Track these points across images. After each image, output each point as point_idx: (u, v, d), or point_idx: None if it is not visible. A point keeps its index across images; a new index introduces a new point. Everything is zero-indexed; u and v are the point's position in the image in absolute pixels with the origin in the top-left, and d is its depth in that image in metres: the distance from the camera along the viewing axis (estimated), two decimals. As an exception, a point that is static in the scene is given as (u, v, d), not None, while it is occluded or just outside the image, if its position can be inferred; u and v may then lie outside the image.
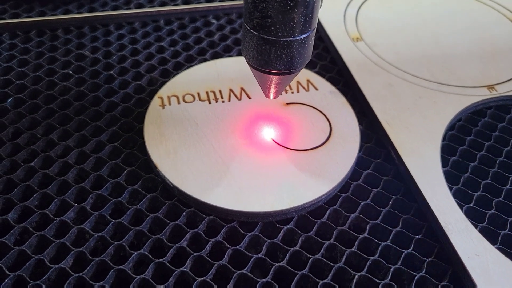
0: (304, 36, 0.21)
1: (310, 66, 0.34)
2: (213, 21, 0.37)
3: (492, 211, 0.26)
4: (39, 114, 0.29)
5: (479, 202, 0.26)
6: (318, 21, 0.37)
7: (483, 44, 0.36)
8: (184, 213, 0.25)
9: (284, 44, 0.21)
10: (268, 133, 0.28)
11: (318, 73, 0.33)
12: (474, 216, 0.25)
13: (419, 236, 0.25)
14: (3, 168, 0.26)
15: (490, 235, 0.24)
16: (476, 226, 0.25)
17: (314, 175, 0.26)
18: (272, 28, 0.21)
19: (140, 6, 0.38)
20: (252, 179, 0.25)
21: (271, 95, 0.25)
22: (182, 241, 0.24)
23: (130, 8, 0.38)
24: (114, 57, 0.33)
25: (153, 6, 0.38)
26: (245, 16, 0.22)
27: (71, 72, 0.32)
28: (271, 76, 0.23)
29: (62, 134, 0.28)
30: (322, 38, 0.36)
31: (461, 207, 0.25)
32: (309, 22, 0.21)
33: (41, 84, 0.31)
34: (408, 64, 0.34)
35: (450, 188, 0.26)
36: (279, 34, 0.21)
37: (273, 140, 0.28)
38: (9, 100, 0.30)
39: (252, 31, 0.21)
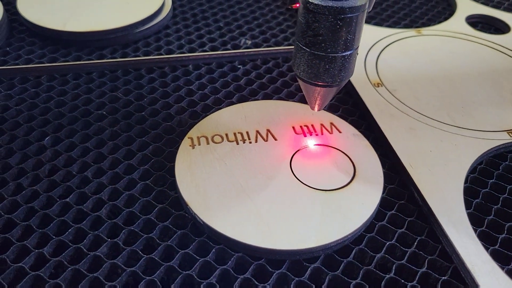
0: (349, 52, 0.25)
1: (333, 109, 0.35)
2: (239, 66, 0.39)
3: (518, 253, 0.26)
4: (74, 152, 0.31)
5: (505, 245, 0.27)
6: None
7: (500, 90, 0.37)
8: (214, 250, 0.25)
9: (332, 59, 0.24)
10: (294, 172, 0.29)
11: (341, 116, 0.34)
12: (500, 258, 0.26)
13: (446, 278, 0.25)
14: (39, 204, 0.28)
15: (516, 278, 0.25)
16: (502, 268, 0.25)
17: (339, 215, 0.27)
18: (323, 45, 0.24)
19: (170, 52, 0.40)
20: (279, 217, 0.26)
21: (316, 107, 0.28)
22: (211, 277, 0.24)
23: (160, 54, 0.40)
24: (145, 99, 0.35)
25: (182, 52, 0.40)
26: (297, 35, 0.25)
27: (105, 113, 0.34)
28: (318, 88, 0.26)
29: (96, 171, 0.30)
30: (344, 83, 0.38)
31: (486, 249, 0.26)
32: (354, 40, 0.24)
33: (76, 124, 0.33)
34: (428, 108, 0.35)
35: (475, 230, 0.27)
36: (328, 50, 0.24)
37: (299, 180, 0.28)
38: (46, 138, 0.31)
39: (304, 47, 0.25)
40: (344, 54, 0.24)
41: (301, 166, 0.29)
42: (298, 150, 0.30)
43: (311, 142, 0.31)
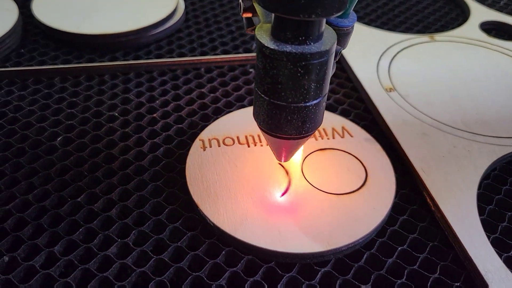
0: (315, 102, 0.21)
1: (345, 114, 0.35)
2: (251, 70, 0.39)
3: (532, 261, 0.26)
4: (85, 152, 0.31)
5: (518, 252, 0.26)
6: (353, 72, 0.38)
7: (515, 96, 0.37)
8: (223, 252, 0.25)
9: (295, 109, 0.21)
10: (306, 176, 0.29)
11: (353, 120, 0.34)
12: (514, 266, 0.25)
13: (458, 284, 0.24)
14: (51, 203, 0.28)
15: (531, 286, 0.24)
16: (516, 276, 0.24)
17: (351, 219, 0.26)
18: (283, 94, 0.20)
19: (182, 55, 0.40)
20: (290, 221, 0.26)
21: (282, 159, 0.25)
22: (221, 279, 0.24)
23: (172, 57, 0.40)
24: (157, 101, 0.35)
25: (194, 55, 0.40)
26: (256, 81, 0.21)
27: (116, 114, 0.34)
28: (281, 140, 0.23)
29: (107, 172, 0.30)
30: (356, 88, 0.38)
31: (500, 255, 0.25)
32: (320, 89, 0.21)
33: (88, 125, 0.33)
34: (442, 114, 0.34)
35: (488, 237, 0.26)
36: (290, 100, 0.21)
37: (310, 183, 0.28)
38: (58, 139, 0.32)
39: (263, 95, 0.21)
40: (308, 104, 0.21)
41: (313, 170, 0.29)
42: (309, 154, 0.30)
43: (322, 146, 0.31)
